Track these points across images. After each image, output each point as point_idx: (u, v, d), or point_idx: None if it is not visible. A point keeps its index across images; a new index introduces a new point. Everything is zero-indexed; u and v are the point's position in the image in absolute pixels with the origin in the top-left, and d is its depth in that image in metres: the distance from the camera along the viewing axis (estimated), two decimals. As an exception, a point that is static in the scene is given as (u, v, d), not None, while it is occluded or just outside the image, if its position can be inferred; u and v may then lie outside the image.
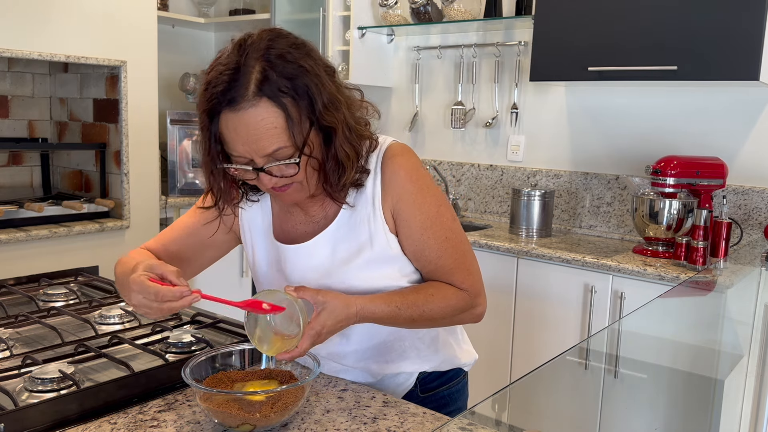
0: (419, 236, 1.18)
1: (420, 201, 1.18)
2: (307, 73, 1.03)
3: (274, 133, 1.02)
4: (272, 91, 1.01)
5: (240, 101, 1.01)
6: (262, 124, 1.01)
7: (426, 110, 3.54)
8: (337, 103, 1.07)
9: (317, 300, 1.07)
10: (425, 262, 1.21)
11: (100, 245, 2.92)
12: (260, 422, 0.99)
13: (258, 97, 1.01)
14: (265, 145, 1.03)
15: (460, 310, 1.21)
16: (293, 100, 1.02)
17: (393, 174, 1.17)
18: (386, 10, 3.34)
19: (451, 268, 1.21)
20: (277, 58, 1.02)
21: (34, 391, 1.10)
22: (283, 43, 1.05)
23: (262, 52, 1.02)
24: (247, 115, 1.01)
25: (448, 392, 1.35)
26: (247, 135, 1.02)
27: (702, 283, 2.04)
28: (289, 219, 1.26)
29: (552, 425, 1.07)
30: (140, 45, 3.01)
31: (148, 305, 1.04)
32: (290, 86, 1.02)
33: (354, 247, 1.19)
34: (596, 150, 3.02)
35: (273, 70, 1.01)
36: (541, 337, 2.62)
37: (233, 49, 1.05)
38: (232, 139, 1.05)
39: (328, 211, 1.22)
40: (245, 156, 1.05)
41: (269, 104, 1.01)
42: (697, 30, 2.40)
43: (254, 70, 1.01)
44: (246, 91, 1.00)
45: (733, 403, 1.39)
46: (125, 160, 3.00)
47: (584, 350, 1.41)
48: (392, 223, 1.19)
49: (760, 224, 2.60)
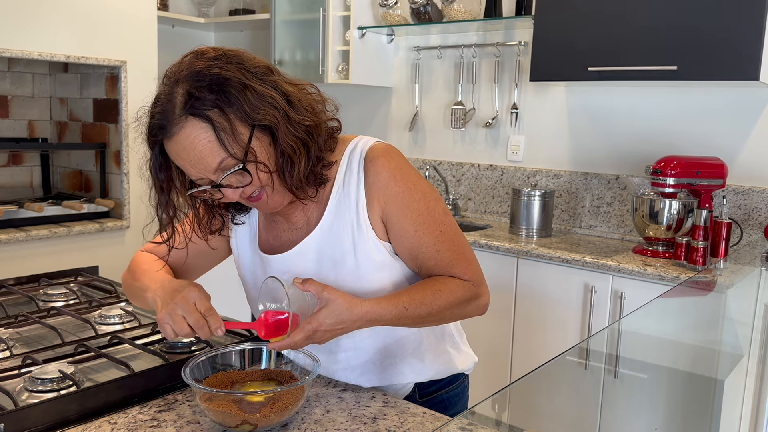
0: (413, 235, 1.16)
1: (408, 200, 1.15)
2: (228, 81, 1.03)
3: (210, 148, 1.03)
4: (196, 108, 1.02)
5: (171, 126, 1.03)
6: (196, 142, 1.02)
7: (426, 110, 3.54)
8: (271, 101, 1.06)
9: (322, 296, 1.06)
10: (424, 260, 1.18)
11: (100, 245, 2.92)
12: (260, 422, 0.99)
13: (184, 118, 1.02)
14: (208, 161, 1.03)
15: (467, 301, 1.19)
16: (220, 111, 1.02)
17: (376, 177, 1.15)
18: (386, 10, 3.34)
19: (451, 261, 1.18)
20: (195, 75, 1.03)
21: (34, 391, 1.10)
22: (201, 60, 1.05)
23: (183, 74, 1.04)
24: (179, 137, 1.03)
25: (447, 396, 1.33)
26: (188, 157, 1.04)
27: (702, 283, 2.04)
28: (273, 228, 1.25)
29: (552, 425, 1.07)
30: (140, 45, 3.01)
31: (181, 325, 1.04)
32: (214, 98, 1.02)
33: (338, 254, 1.17)
34: (596, 150, 3.02)
35: (194, 89, 1.02)
36: (541, 337, 2.62)
37: (161, 82, 1.08)
38: (182, 165, 1.06)
39: (310, 217, 1.20)
40: (201, 176, 1.06)
41: (195, 121, 1.02)
42: (697, 30, 2.40)
43: (178, 93, 1.03)
44: (173, 115, 1.03)
45: (733, 403, 1.39)
46: (125, 160, 3.00)
47: (584, 350, 1.40)
48: (381, 229, 1.17)
49: (760, 224, 2.60)
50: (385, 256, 1.17)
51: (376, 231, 1.16)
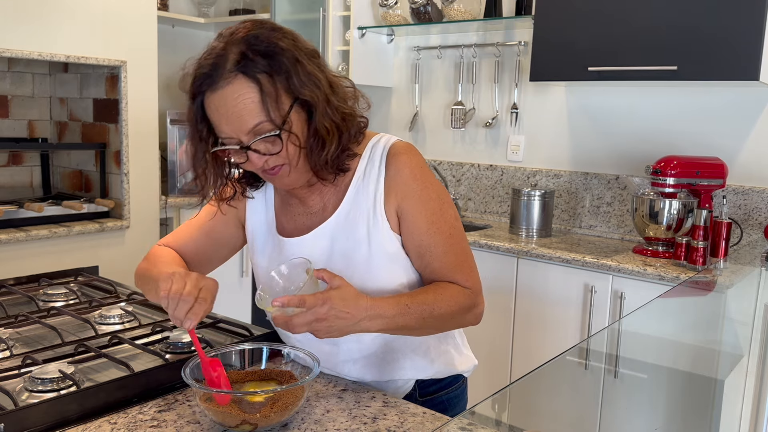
0: (425, 233, 1.19)
1: (425, 198, 1.19)
2: (283, 51, 1.08)
3: (252, 108, 1.07)
4: (248, 68, 1.06)
5: (219, 80, 1.07)
6: (239, 100, 1.06)
7: (426, 110, 3.55)
8: (316, 81, 1.11)
9: (333, 282, 1.07)
10: (430, 260, 1.20)
11: (100, 245, 2.92)
12: (260, 422, 0.99)
13: (234, 74, 1.06)
14: (246, 120, 1.07)
15: (465, 309, 1.20)
16: (269, 76, 1.07)
17: (397, 172, 1.19)
18: (386, 10, 3.34)
19: (455, 265, 1.21)
20: (253, 38, 1.08)
21: (34, 391, 1.10)
22: (262, 27, 1.11)
23: (242, 36, 1.09)
24: (225, 92, 1.07)
25: (446, 397, 1.34)
26: (227, 113, 1.07)
27: (702, 283, 2.04)
28: (288, 212, 1.28)
29: (552, 425, 1.07)
30: (140, 45, 3.01)
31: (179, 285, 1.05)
32: (267, 64, 1.07)
33: (351, 243, 1.19)
34: (596, 150, 3.02)
35: (249, 50, 1.07)
36: (541, 337, 2.62)
37: (216, 39, 1.12)
38: (217, 120, 1.10)
39: (326, 203, 1.23)
40: (232, 136, 1.09)
41: (244, 79, 1.06)
42: (697, 30, 2.40)
43: (233, 52, 1.08)
44: (224, 70, 1.07)
45: (733, 403, 1.39)
46: (125, 160, 3.00)
47: (584, 350, 1.40)
48: (395, 222, 1.20)
49: (760, 224, 2.60)
50: (398, 248, 1.20)
51: (391, 223, 1.19)
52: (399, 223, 1.20)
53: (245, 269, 3.34)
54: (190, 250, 1.33)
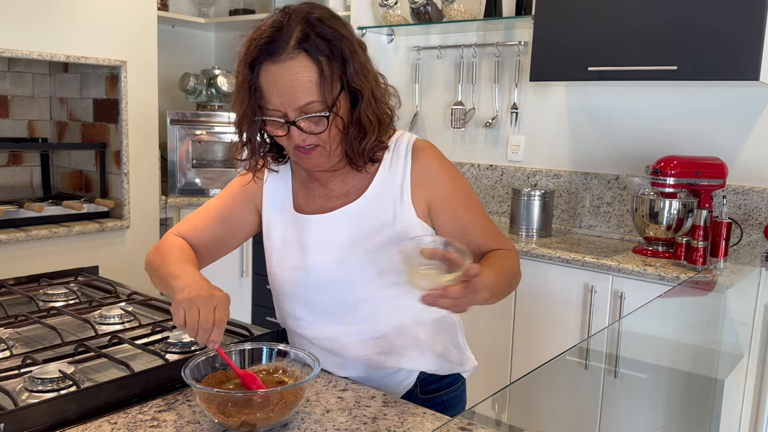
0: (464, 213, 1.27)
1: (456, 183, 1.28)
2: (342, 38, 1.13)
3: (308, 87, 1.10)
4: (310, 48, 1.10)
5: (280, 53, 1.10)
6: (298, 77, 1.10)
7: (426, 110, 3.54)
8: (366, 72, 1.17)
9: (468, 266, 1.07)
10: (473, 236, 1.27)
11: (100, 245, 2.92)
12: (260, 422, 0.99)
13: (297, 51, 1.10)
14: (299, 97, 1.11)
15: (518, 265, 1.31)
16: (328, 59, 1.12)
17: (426, 165, 1.25)
18: (386, 10, 3.34)
19: (494, 235, 1.31)
20: (317, 21, 1.13)
21: (34, 391, 1.10)
22: (323, 11, 1.15)
23: (304, 15, 1.13)
24: (285, 66, 1.10)
25: (447, 397, 1.35)
26: (283, 86, 1.11)
27: (702, 283, 2.04)
28: (308, 193, 1.31)
29: (552, 425, 1.07)
30: (140, 45, 3.01)
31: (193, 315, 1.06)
32: (327, 47, 1.12)
33: (375, 225, 1.23)
34: (596, 150, 3.02)
35: (312, 31, 1.11)
36: (541, 337, 2.62)
37: (277, 12, 1.15)
38: (268, 91, 1.12)
39: (350, 189, 1.27)
40: (279, 109, 1.13)
41: (306, 59, 1.10)
42: (697, 30, 2.40)
43: (296, 29, 1.11)
44: (287, 45, 1.10)
45: (733, 403, 1.39)
46: (125, 160, 3.00)
47: (584, 350, 1.41)
48: (421, 210, 1.25)
49: (760, 224, 2.60)
50: (419, 233, 1.24)
51: (417, 210, 1.25)
52: (429, 212, 1.26)
53: (245, 269, 3.34)
54: (205, 239, 1.34)
